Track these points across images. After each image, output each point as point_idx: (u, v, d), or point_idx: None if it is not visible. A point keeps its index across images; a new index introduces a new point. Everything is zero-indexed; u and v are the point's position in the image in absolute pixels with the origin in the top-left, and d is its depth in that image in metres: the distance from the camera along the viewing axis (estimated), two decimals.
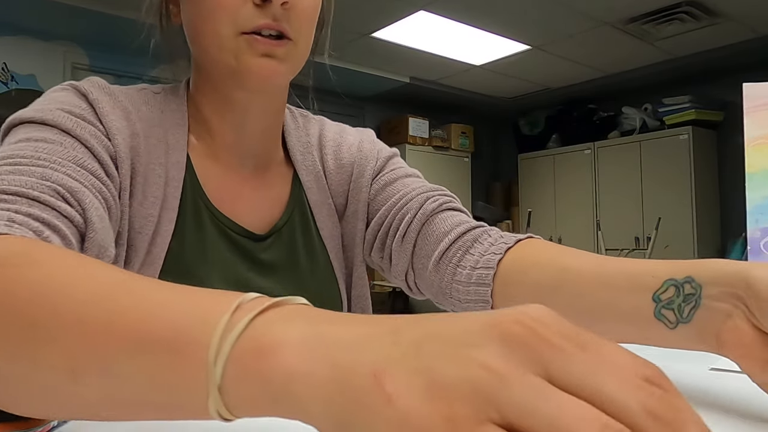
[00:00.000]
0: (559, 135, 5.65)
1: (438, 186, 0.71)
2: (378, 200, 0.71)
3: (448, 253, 0.62)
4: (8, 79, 3.63)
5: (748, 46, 4.15)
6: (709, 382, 0.46)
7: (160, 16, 0.67)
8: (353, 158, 0.73)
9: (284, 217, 0.69)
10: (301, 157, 0.72)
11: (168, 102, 0.65)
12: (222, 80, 0.62)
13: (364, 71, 4.67)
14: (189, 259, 0.60)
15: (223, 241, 0.63)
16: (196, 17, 0.59)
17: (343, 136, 0.76)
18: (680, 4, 3.48)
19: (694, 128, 4.60)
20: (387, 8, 3.55)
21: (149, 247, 0.58)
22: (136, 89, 0.65)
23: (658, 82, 4.88)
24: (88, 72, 3.92)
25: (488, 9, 3.57)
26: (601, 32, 3.93)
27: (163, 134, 0.62)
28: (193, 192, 0.63)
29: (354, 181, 0.72)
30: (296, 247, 0.69)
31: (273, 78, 0.60)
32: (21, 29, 3.65)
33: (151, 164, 0.60)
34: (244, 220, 0.65)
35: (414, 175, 0.74)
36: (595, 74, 4.88)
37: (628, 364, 0.21)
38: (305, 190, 0.71)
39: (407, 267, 0.67)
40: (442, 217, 0.65)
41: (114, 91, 0.61)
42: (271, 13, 0.57)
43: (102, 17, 3.46)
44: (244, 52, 0.57)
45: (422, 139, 5.40)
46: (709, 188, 4.72)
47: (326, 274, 0.70)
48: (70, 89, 0.58)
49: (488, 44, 4.16)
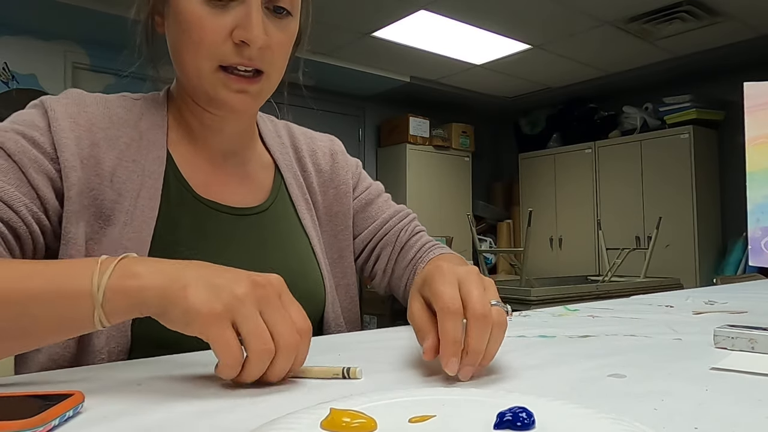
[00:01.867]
0: (560, 134, 5.64)
1: (403, 208, 0.90)
2: (360, 217, 0.87)
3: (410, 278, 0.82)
4: (9, 78, 3.63)
5: (749, 46, 4.14)
6: (709, 382, 0.46)
7: (145, 25, 0.71)
8: (329, 166, 0.86)
9: (267, 201, 0.76)
10: (280, 156, 0.81)
11: (147, 107, 0.72)
12: (200, 100, 0.70)
13: (365, 71, 4.66)
14: (178, 238, 0.67)
15: (211, 220, 0.70)
16: (180, 45, 0.66)
17: (315, 143, 0.88)
18: (681, 3, 3.48)
19: (695, 127, 4.59)
20: (387, 8, 3.55)
21: (131, 233, 0.64)
22: (116, 96, 0.72)
23: (658, 82, 4.88)
24: (88, 71, 3.92)
25: (489, 8, 3.57)
26: (602, 31, 3.93)
27: (138, 135, 0.69)
28: (177, 182, 0.69)
29: (335, 187, 0.85)
30: (279, 229, 0.76)
31: (245, 111, 0.69)
32: (21, 29, 3.65)
33: (123, 162, 0.66)
34: (230, 203, 0.72)
35: (382, 192, 0.91)
36: (595, 73, 4.87)
37: (297, 317, 0.47)
38: (286, 184, 0.80)
39: (386, 285, 0.87)
40: (409, 245, 0.86)
41: (86, 101, 0.67)
42: (248, 53, 0.63)
43: (102, 17, 3.46)
44: (221, 87, 0.65)
45: (423, 138, 5.39)
46: (710, 187, 4.72)
47: (307, 258, 0.77)
48: (39, 106, 0.65)
49: (489, 43, 4.16)
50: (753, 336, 0.57)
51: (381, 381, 0.48)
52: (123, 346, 0.60)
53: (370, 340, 0.68)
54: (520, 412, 0.33)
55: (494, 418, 0.34)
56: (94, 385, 0.46)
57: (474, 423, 0.34)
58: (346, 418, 0.34)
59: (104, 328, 0.57)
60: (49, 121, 0.63)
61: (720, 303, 1.04)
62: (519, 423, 0.33)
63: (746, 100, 0.73)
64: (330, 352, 0.61)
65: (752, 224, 0.72)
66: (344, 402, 0.37)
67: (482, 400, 0.38)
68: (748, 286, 1.53)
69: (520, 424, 0.33)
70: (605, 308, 0.97)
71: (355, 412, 0.35)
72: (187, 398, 0.43)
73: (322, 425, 0.33)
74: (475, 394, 0.39)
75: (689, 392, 0.43)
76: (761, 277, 2.19)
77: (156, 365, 0.54)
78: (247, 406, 0.41)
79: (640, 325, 0.77)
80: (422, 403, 0.37)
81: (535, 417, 0.34)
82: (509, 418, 0.33)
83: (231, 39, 0.62)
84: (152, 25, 0.71)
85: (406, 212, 0.90)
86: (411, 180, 5.21)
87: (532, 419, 0.33)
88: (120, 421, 0.37)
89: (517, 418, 0.33)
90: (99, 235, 0.63)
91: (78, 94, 0.68)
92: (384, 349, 0.62)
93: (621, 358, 0.56)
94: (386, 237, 0.86)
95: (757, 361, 0.53)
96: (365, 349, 0.62)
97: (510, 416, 0.33)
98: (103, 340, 0.60)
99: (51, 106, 0.64)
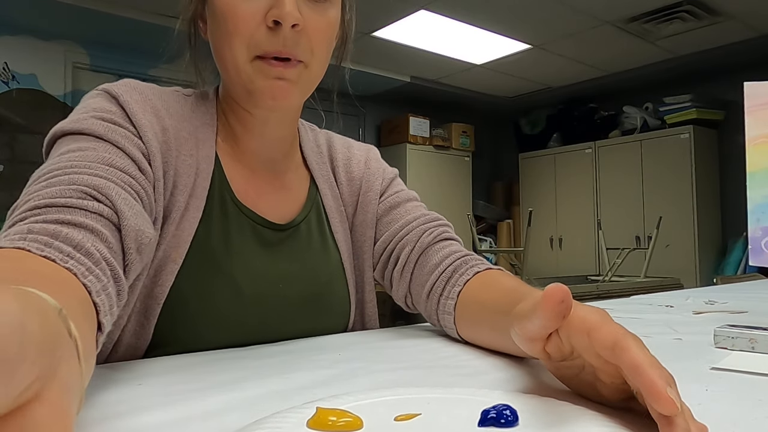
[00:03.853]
0: (560, 134, 5.65)
1: (436, 215, 0.80)
2: (384, 221, 0.80)
3: (437, 285, 0.71)
4: (9, 78, 3.63)
5: (749, 45, 4.14)
6: (709, 382, 0.46)
7: (189, 31, 0.71)
8: (362, 173, 0.82)
9: (302, 214, 0.75)
10: (317, 166, 0.80)
11: (197, 104, 0.71)
12: (240, 97, 0.68)
13: (365, 70, 4.66)
14: (213, 244, 0.66)
15: (246, 230, 0.69)
16: (217, 40, 0.65)
17: (352, 151, 0.84)
18: (681, 3, 3.48)
19: (695, 127, 4.59)
20: (388, 7, 3.55)
21: (175, 230, 0.63)
22: (169, 90, 0.70)
23: (659, 81, 4.88)
24: (88, 71, 3.92)
25: (489, 8, 3.57)
26: (602, 31, 3.93)
27: (193, 130, 0.68)
28: (221, 185, 0.69)
29: (363, 195, 0.81)
30: (311, 242, 0.74)
31: (284, 99, 0.64)
32: (21, 29, 3.65)
33: (182, 155, 0.65)
34: (265, 214, 0.71)
35: (414, 199, 0.83)
36: (595, 73, 4.87)
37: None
38: (321, 195, 0.78)
39: (406, 292, 0.76)
40: (436, 249, 0.74)
41: (145, 90, 0.66)
42: (282, 36, 0.62)
43: (102, 17, 3.46)
44: (258, 75, 0.63)
45: (423, 138, 5.39)
46: (710, 187, 4.72)
47: (337, 271, 0.76)
48: (102, 94, 0.63)
49: (489, 43, 4.16)
50: (753, 336, 0.57)
51: (381, 381, 0.48)
52: (143, 343, 0.61)
53: (370, 340, 0.68)
54: (504, 409, 0.34)
55: (479, 416, 0.34)
56: (94, 385, 0.46)
57: (459, 420, 0.35)
58: (332, 417, 0.34)
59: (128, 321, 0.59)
60: (122, 105, 0.61)
61: (720, 303, 1.04)
62: (503, 420, 0.33)
63: (746, 100, 0.73)
64: (330, 351, 0.61)
65: (752, 224, 0.72)
66: (331, 401, 0.37)
67: (467, 398, 0.38)
68: (748, 286, 1.53)
69: (503, 421, 0.33)
70: (605, 308, 0.97)
71: (341, 410, 0.35)
72: (187, 398, 0.43)
73: (308, 424, 0.33)
74: (460, 393, 0.39)
75: (689, 392, 0.43)
76: (761, 277, 2.19)
77: (156, 365, 0.54)
78: (246, 407, 0.41)
79: (640, 325, 0.77)
80: (408, 402, 0.38)
81: (519, 414, 0.34)
82: (493, 416, 0.33)
83: (265, 23, 0.61)
84: (195, 32, 0.71)
85: (436, 216, 0.80)
86: (411, 180, 5.20)
87: (515, 416, 0.34)
88: (120, 421, 0.37)
89: (501, 415, 0.33)
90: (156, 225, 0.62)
91: (136, 83, 0.66)
92: (384, 349, 0.62)
93: None
94: (407, 237, 0.76)
95: (757, 361, 0.53)
96: (365, 349, 0.62)
97: (494, 413, 0.34)
98: (126, 333, 0.60)
99: (117, 93, 0.62)
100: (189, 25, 0.71)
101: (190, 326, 0.62)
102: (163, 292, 0.61)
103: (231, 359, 0.57)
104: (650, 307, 0.98)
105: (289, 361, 0.56)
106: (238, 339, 0.65)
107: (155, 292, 0.61)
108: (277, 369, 0.52)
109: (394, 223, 0.78)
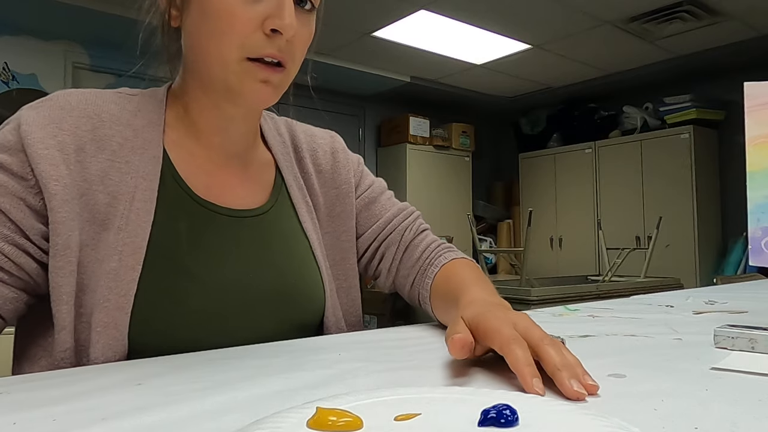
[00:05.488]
0: (560, 134, 5.65)
1: (406, 205, 0.89)
2: (364, 216, 0.85)
3: (417, 278, 0.82)
4: (9, 78, 3.63)
5: (750, 45, 4.14)
6: (709, 382, 0.46)
7: (161, 19, 0.70)
8: (330, 165, 0.84)
9: (269, 203, 0.75)
10: (281, 156, 0.80)
11: (144, 103, 0.70)
12: (215, 93, 0.68)
13: (365, 70, 4.66)
14: (171, 244, 0.64)
15: (209, 225, 0.68)
16: (203, 33, 0.64)
17: (316, 141, 0.85)
18: (681, 3, 3.48)
19: (695, 127, 4.60)
20: (387, 7, 3.55)
21: (125, 238, 0.61)
22: (112, 92, 0.69)
23: (659, 81, 4.88)
24: (88, 71, 3.92)
25: (489, 8, 3.57)
26: (602, 31, 3.93)
27: (132, 134, 0.67)
28: (174, 183, 0.68)
29: (337, 188, 0.84)
30: (279, 231, 0.74)
31: (265, 102, 0.67)
32: (21, 29, 3.65)
33: (115, 163, 0.64)
34: (232, 206, 0.71)
35: (384, 189, 0.90)
36: (596, 73, 4.88)
37: None
38: (287, 185, 0.78)
39: (391, 283, 0.86)
40: (414, 244, 0.84)
41: (71, 103, 0.64)
42: (277, 43, 0.63)
43: (102, 17, 3.46)
44: (246, 76, 0.64)
45: (423, 138, 5.39)
46: (710, 187, 4.72)
47: (307, 261, 0.76)
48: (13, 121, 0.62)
49: (489, 43, 4.16)
50: (753, 336, 0.57)
51: (381, 381, 0.48)
52: (120, 356, 0.60)
53: (370, 340, 0.68)
54: (504, 409, 0.34)
55: (479, 416, 0.34)
56: (94, 385, 0.46)
57: (459, 420, 0.35)
58: (332, 416, 0.34)
59: (99, 337, 0.58)
60: (20, 135, 0.60)
61: (720, 303, 1.04)
62: (503, 420, 0.33)
63: (746, 100, 0.73)
64: (330, 351, 0.61)
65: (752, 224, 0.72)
66: (331, 401, 0.37)
67: (467, 398, 0.38)
68: (748, 286, 1.52)
69: (503, 421, 0.33)
70: (605, 308, 0.97)
71: (341, 410, 0.35)
72: (187, 398, 0.43)
73: (308, 424, 0.33)
74: (460, 393, 0.39)
75: (689, 392, 0.43)
76: (761, 277, 2.19)
77: (156, 365, 0.54)
78: (246, 407, 0.41)
79: (640, 325, 0.77)
80: (408, 402, 0.38)
81: (519, 414, 0.34)
82: (493, 416, 0.33)
83: (261, 30, 0.62)
84: (168, 17, 0.69)
85: (410, 210, 0.89)
86: (411, 180, 5.21)
87: (515, 416, 0.34)
88: (120, 421, 0.37)
89: (501, 415, 0.33)
90: (95, 240, 0.61)
91: (64, 96, 0.65)
92: (384, 349, 0.62)
93: (621, 358, 0.56)
94: (390, 236, 0.84)
95: (757, 361, 0.53)
96: (365, 349, 0.62)
97: (494, 413, 0.34)
98: (99, 349, 0.59)
99: (25, 119, 0.61)
100: (163, 13, 0.69)
101: (163, 329, 0.61)
102: (128, 302, 0.59)
103: (231, 359, 0.57)
104: (650, 307, 0.98)
105: (289, 361, 0.56)
106: (217, 332, 0.64)
107: (120, 303, 0.59)
108: (277, 369, 0.52)
109: (375, 220, 0.85)
